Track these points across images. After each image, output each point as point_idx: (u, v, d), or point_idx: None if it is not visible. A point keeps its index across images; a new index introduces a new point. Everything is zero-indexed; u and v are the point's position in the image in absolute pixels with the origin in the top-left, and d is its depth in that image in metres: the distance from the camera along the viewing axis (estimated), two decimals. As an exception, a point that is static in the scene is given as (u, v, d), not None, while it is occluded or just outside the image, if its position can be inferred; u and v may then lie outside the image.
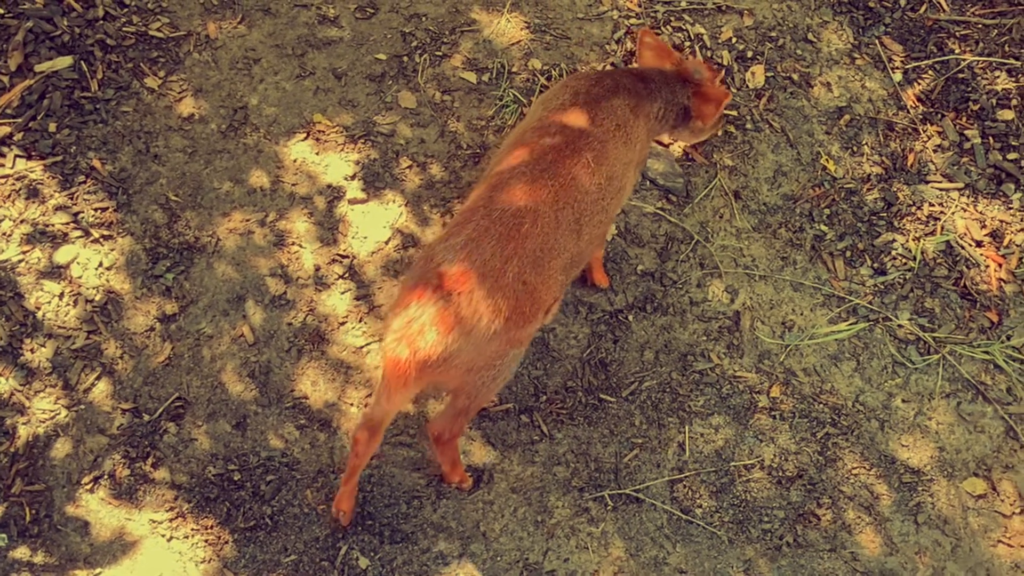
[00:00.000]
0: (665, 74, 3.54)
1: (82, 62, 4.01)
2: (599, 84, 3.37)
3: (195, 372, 3.63)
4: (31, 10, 4.01)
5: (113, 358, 3.63)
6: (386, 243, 3.88)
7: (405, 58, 4.24)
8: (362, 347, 3.71)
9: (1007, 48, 4.43)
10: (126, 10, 4.15)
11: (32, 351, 3.59)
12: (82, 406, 3.56)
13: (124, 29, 4.11)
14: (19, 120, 3.86)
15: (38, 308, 3.64)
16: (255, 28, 4.21)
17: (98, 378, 3.60)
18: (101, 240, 3.76)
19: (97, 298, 3.69)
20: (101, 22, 4.10)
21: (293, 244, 3.84)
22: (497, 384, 3.22)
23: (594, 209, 3.22)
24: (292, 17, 4.25)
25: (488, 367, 3.11)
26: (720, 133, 4.15)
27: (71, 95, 3.95)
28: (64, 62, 3.98)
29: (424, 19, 4.32)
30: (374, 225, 3.90)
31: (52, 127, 3.88)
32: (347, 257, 3.84)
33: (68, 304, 3.67)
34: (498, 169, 3.21)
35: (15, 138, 3.83)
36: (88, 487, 3.46)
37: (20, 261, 3.68)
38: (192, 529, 3.43)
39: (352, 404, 3.62)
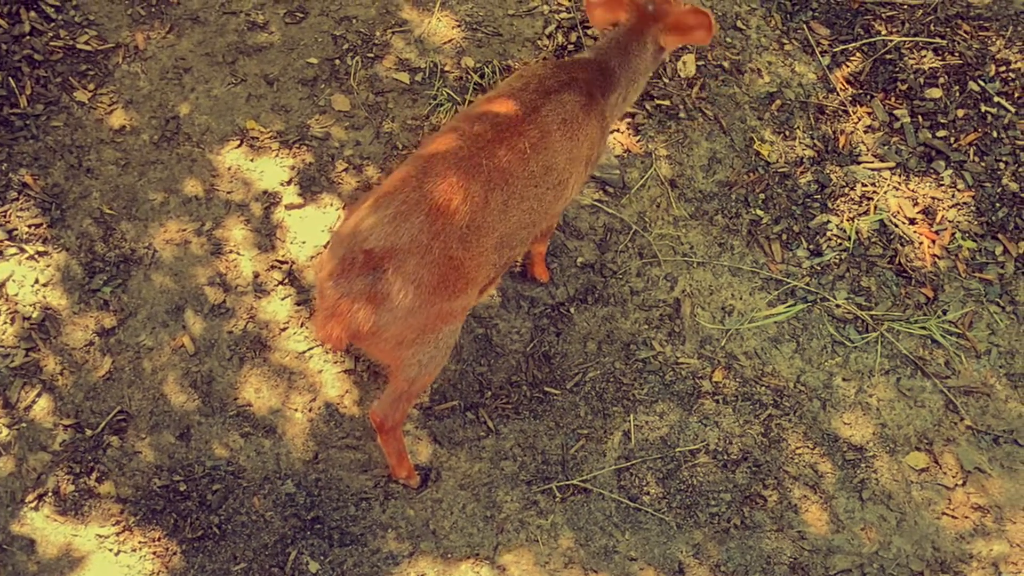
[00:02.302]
0: (624, 45, 3.44)
1: (10, 78, 3.98)
2: (554, 76, 3.35)
3: (136, 385, 3.62)
4: (-45, 28, 3.98)
5: (53, 374, 3.60)
6: (324, 247, 3.87)
7: (337, 61, 4.23)
8: (304, 352, 3.70)
9: (932, 27, 4.48)
10: (53, 24, 4.13)
11: (-30, 371, 3.57)
12: (23, 424, 3.53)
13: (51, 43, 4.08)
14: (-53, 139, 3.84)
15: (-25, 328, 3.62)
16: (184, 37, 4.19)
17: (38, 395, 3.58)
18: (36, 256, 3.74)
19: (34, 315, 3.66)
20: (28, 37, 4.07)
21: (231, 252, 3.83)
22: (434, 365, 3.25)
23: (525, 195, 3.23)
24: (221, 25, 4.24)
25: (421, 343, 3.16)
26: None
27: (0, 112, 3.92)
28: (-9, 79, 3.96)
29: (354, 21, 4.32)
30: (312, 229, 3.90)
31: (-19, 145, 3.86)
32: (286, 263, 3.84)
33: (5, 322, 3.64)
34: (432, 147, 3.21)
35: (-56, 158, 3.81)
36: (32, 505, 3.43)
37: (-46, 281, 3.66)
38: (140, 542, 3.42)
39: (296, 410, 3.62)
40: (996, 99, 4.34)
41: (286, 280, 3.81)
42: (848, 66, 4.41)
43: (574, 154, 3.35)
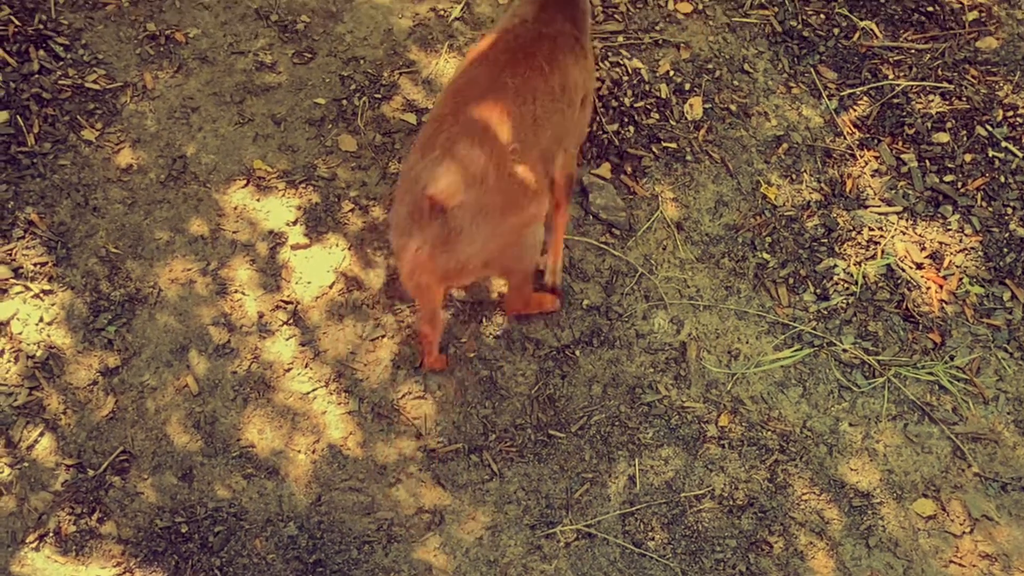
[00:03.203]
0: None
1: (18, 117, 3.99)
2: (542, 15, 3.54)
3: (139, 425, 3.60)
4: (-35, 66, 4.00)
5: (56, 414, 3.59)
6: (330, 287, 3.87)
7: (344, 101, 4.24)
8: (308, 393, 3.69)
9: (940, 72, 4.49)
10: (61, 63, 4.14)
11: (-27, 410, 3.56)
12: (25, 463, 3.52)
13: (60, 82, 4.10)
14: (-46, 177, 3.84)
15: (-22, 366, 3.61)
16: (192, 77, 4.20)
17: (41, 434, 3.56)
18: (41, 295, 3.73)
19: (38, 354, 3.65)
20: (36, 76, 4.08)
21: (236, 292, 3.83)
22: (534, 251, 3.50)
23: (550, 108, 3.41)
24: (229, 65, 4.25)
25: (510, 252, 3.41)
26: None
27: (7, 150, 3.93)
28: (-1, 117, 3.97)
29: (362, 62, 4.34)
30: (317, 270, 3.89)
31: (-11, 183, 3.87)
32: (291, 303, 3.83)
33: (9, 361, 3.63)
34: (457, 80, 3.42)
35: (-49, 195, 3.81)
36: (33, 545, 3.41)
37: (-41, 319, 3.66)
38: (140, 584, 3.40)
39: (300, 451, 3.60)
40: (1004, 144, 4.34)
41: (291, 320, 3.80)
42: (855, 110, 4.41)
43: (580, 75, 3.56)
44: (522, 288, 3.65)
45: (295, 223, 3.98)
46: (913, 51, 4.55)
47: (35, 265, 3.77)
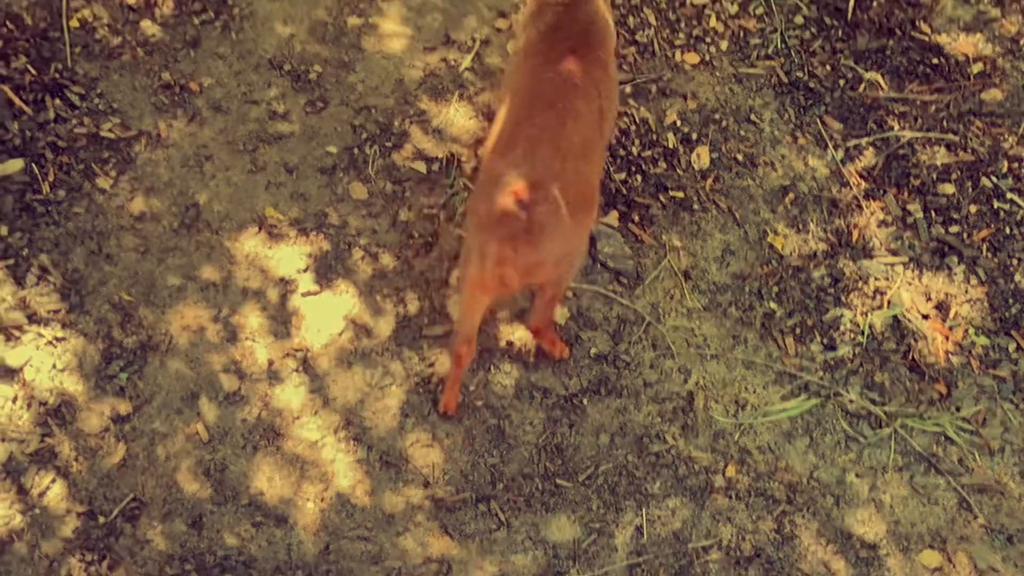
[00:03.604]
0: None
1: (33, 164, 4.04)
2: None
3: (150, 472, 3.63)
4: (-18, 115, 4.06)
5: (67, 460, 3.62)
6: (340, 335, 3.90)
7: (355, 150, 4.29)
8: (317, 441, 3.71)
9: (945, 124, 4.53)
10: (77, 112, 4.20)
11: (-15, 456, 3.59)
12: (36, 510, 3.54)
13: (75, 131, 4.15)
14: (-30, 225, 3.89)
15: (-9, 412, 3.64)
16: (206, 125, 4.26)
17: (52, 481, 3.59)
18: (54, 342, 3.77)
19: (51, 400, 3.69)
20: (52, 124, 4.14)
21: (246, 339, 3.86)
22: (576, 267, 3.69)
23: (613, 99, 3.69)
24: (243, 113, 4.31)
25: (572, 256, 3.55)
26: None
27: (23, 197, 3.98)
28: (15, 165, 4.01)
29: (374, 111, 4.39)
30: (327, 317, 3.93)
31: (4, 230, 3.90)
32: (300, 350, 3.86)
33: (22, 407, 3.66)
34: (523, 81, 3.61)
35: (-34, 243, 3.86)
36: (43, 593, 3.44)
37: (-28, 366, 3.69)
38: (149, 632, 3.41)
39: (308, 499, 3.62)
40: (1009, 195, 4.37)
41: (300, 368, 3.83)
42: (861, 161, 4.45)
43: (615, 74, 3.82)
44: (556, 300, 3.71)
45: (306, 270, 4.01)
46: (918, 103, 4.59)
47: (49, 312, 3.81)
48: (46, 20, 4.39)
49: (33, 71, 4.23)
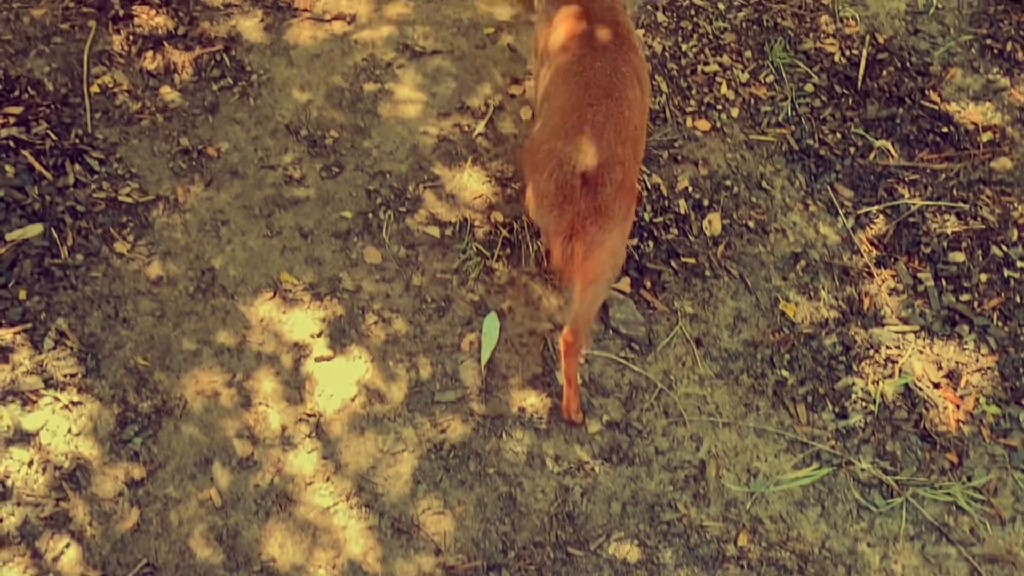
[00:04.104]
0: None
1: (52, 229, 4.09)
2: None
3: (163, 537, 3.64)
4: (2, 180, 4.10)
5: (82, 525, 3.63)
6: (352, 400, 3.92)
7: (370, 215, 4.33)
8: (329, 507, 3.72)
9: (955, 192, 4.57)
10: (96, 177, 4.25)
11: (1, 520, 3.59)
12: (51, 574, 3.55)
13: (94, 195, 4.20)
14: (-11, 289, 3.93)
15: (7, 476, 3.65)
16: (223, 190, 4.31)
17: (67, 545, 3.60)
18: (70, 406, 3.80)
19: (66, 465, 3.71)
20: (71, 189, 4.19)
21: (260, 404, 3.88)
22: (619, 266, 3.82)
23: (647, 86, 3.86)
24: (259, 178, 4.36)
25: (619, 249, 3.70)
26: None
27: (41, 262, 4.02)
28: (35, 230, 4.06)
29: (388, 176, 4.44)
30: (340, 382, 3.95)
31: (22, 294, 3.94)
32: (313, 416, 3.88)
33: (37, 471, 3.68)
34: (571, 70, 3.71)
35: (-15, 307, 3.90)
36: (54, 659, 3.44)
37: (-12, 429, 3.72)
38: None
39: (320, 566, 3.62)
40: (1019, 264, 4.39)
41: (313, 433, 3.85)
42: (872, 228, 4.48)
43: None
44: (588, 320, 3.81)
45: (319, 335, 4.04)
46: (929, 171, 4.63)
47: (65, 376, 3.84)
48: (67, 86, 4.46)
49: (54, 136, 4.29)
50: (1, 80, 4.41)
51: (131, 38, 4.67)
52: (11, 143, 4.21)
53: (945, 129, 4.76)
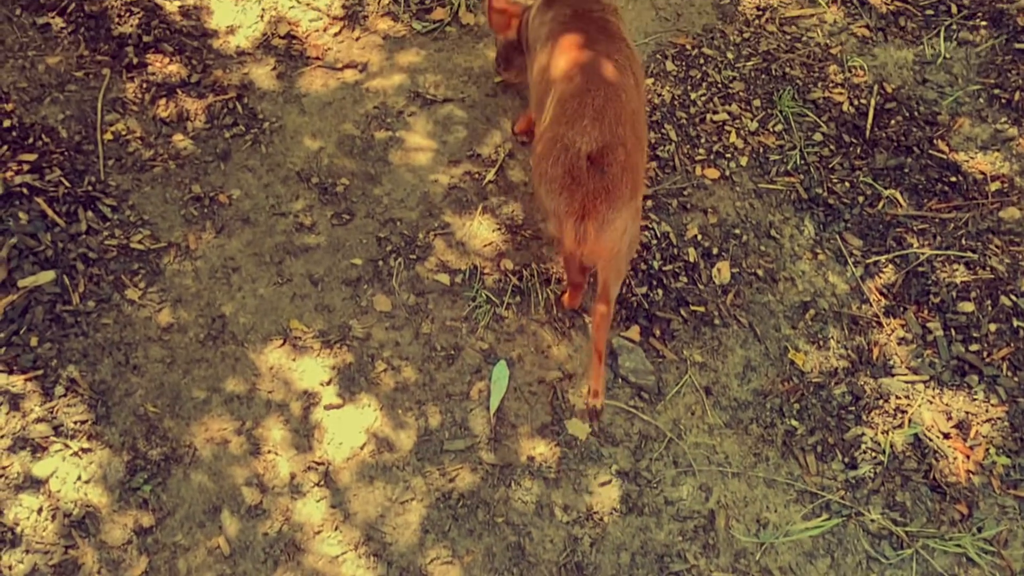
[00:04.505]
0: None
1: (64, 276, 4.11)
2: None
3: (171, 586, 3.64)
4: (16, 227, 4.13)
5: (91, 572, 3.63)
6: (361, 448, 3.93)
7: (380, 262, 4.35)
8: (337, 556, 3.72)
9: (964, 241, 4.57)
10: (108, 224, 4.28)
11: (10, 567, 3.59)
12: (57, 623, 3.55)
13: (106, 242, 4.23)
14: (0, 336, 3.94)
15: (17, 523, 3.66)
16: (234, 237, 4.33)
17: (74, 594, 3.60)
18: (80, 453, 3.80)
19: (75, 512, 3.71)
20: (84, 236, 4.22)
21: (269, 452, 3.89)
22: (634, 247, 3.98)
23: (641, 73, 4.01)
24: (270, 226, 4.38)
25: (633, 224, 3.83)
26: None
27: (53, 308, 4.04)
28: (47, 276, 4.08)
29: (399, 223, 4.46)
30: (349, 430, 3.96)
31: (34, 341, 3.96)
32: (322, 464, 3.88)
33: (47, 519, 3.68)
34: (568, 62, 3.86)
35: (-4, 353, 3.91)
36: None
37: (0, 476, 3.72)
38: None
39: (328, 616, 3.62)
40: (1028, 314, 4.40)
41: (322, 482, 3.85)
42: (881, 277, 4.48)
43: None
44: (617, 279, 3.93)
45: (329, 383, 4.05)
46: (937, 220, 4.64)
47: (75, 423, 3.85)
48: (81, 133, 4.50)
49: (67, 183, 4.32)
50: (16, 127, 4.45)
51: (145, 86, 4.71)
52: (25, 190, 4.24)
53: (954, 178, 4.77)
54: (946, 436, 4.13)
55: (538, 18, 4.22)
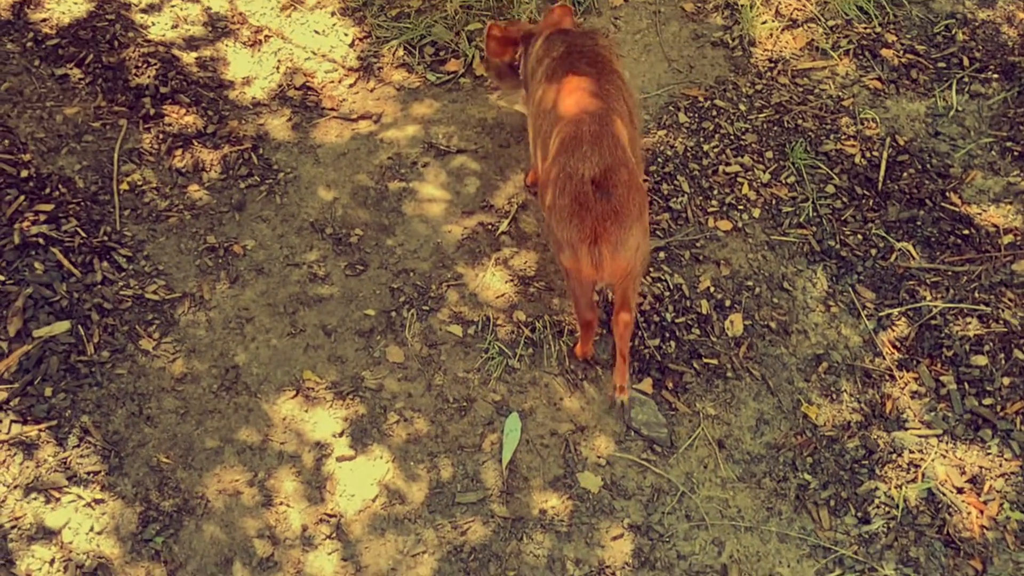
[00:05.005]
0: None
1: (79, 326, 4.13)
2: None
3: (181, 639, 3.63)
4: (32, 277, 4.15)
5: (100, 625, 3.63)
6: (373, 500, 3.92)
7: (393, 313, 4.37)
8: (349, 610, 3.71)
9: (977, 295, 4.57)
10: (123, 274, 4.31)
11: (19, 619, 3.60)
12: (67, 676, 3.54)
13: (121, 293, 4.25)
14: (16, 385, 3.96)
15: (29, 574, 3.66)
16: (248, 288, 4.35)
17: (84, 646, 3.59)
18: (93, 504, 3.81)
19: (87, 563, 3.71)
20: (99, 286, 4.24)
21: (281, 504, 3.88)
22: (645, 263, 4.09)
23: (634, 101, 4.21)
24: (284, 276, 4.40)
25: (644, 242, 3.89)
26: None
27: (67, 359, 4.06)
28: (62, 327, 4.10)
29: (412, 274, 4.48)
30: (361, 482, 3.95)
31: (48, 391, 3.97)
32: (334, 516, 3.88)
33: (59, 570, 3.68)
34: (564, 95, 4.02)
35: (11, 403, 3.92)
36: None
37: (12, 527, 3.72)
38: None
39: (339, 671, 3.60)
40: (1042, 368, 4.39)
41: (333, 534, 3.84)
42: (894, 331, 4.48)
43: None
44: (633, 294, 4.03)
45: (341, 434, 4.05)
46: (950, 273, 4.64)
47: (88, 473, 3.86)
48: (97, 184, 4.54)
49: (83, 234, 4.36)
50: (33, 177, 4.49)
51: (161, 136, 4.76)
52: (41, 240, 4.27)
53: (966, 231, 4.78)
54: (959, 491, 4.11)
55: (535, 55, 4.35)
